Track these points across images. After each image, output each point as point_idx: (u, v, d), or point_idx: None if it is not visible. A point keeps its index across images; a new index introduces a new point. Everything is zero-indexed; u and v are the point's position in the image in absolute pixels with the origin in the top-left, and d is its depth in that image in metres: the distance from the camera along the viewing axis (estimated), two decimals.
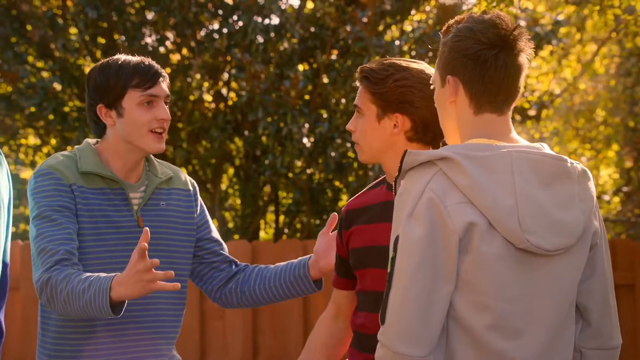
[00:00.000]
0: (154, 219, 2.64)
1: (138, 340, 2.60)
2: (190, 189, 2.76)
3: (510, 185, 1.83)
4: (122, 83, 2.55)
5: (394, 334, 1.81)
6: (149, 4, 6.94)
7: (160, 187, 2.68)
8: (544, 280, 1.88)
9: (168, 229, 2.66)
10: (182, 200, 2.72)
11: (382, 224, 2.50)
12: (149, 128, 2.57)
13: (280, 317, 5.44)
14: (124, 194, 2.60)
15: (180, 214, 2.70)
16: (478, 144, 1.88)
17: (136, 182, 2.65)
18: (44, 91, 6.65)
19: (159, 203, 2.66)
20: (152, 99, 2.57)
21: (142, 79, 2.55)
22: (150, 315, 2.61)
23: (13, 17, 6.88)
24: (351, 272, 2.59)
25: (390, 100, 2.42)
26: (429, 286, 1.80)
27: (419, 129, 2.44)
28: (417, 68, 2.44)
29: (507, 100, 1.95)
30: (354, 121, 2.52)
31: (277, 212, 7.56)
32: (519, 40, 1.92)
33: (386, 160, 2.50)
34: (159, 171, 2.70)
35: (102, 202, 2.57)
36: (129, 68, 2.56)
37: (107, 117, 2.58)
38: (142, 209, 2.62)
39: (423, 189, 1.83)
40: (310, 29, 6.93)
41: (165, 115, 2.58)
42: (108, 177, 2.59)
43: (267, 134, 6.67)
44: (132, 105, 2.56)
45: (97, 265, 2.53)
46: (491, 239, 1.82)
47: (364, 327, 2.50)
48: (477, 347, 1.84)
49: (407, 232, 1.82)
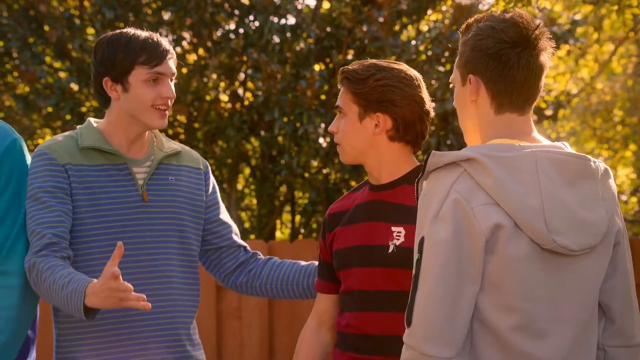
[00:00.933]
0: (161, 193, 2.61)
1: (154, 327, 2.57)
2: (202, 168, 2.74)
3: (536, 186, 1.82)
4: (130, 59, 2.54)
5: (421, 335, 1.80)
6: (165, 4, 6.95)
7: (169, 163, 2.66)
8: (569, 280, 1.87)
9: (177, 204, 2.63)
10: (192, 178, 2.69)
11: (366, 224, 2.50)
12: (152, 104, 2.56)
13: (296, 317, 5.44)
14: (127, 169, 2.58)
15: (189, 191, 2.67)
16: (501, 144, 1.87)
17: (142, 157, 2.63)
18: (61, 91, 6.68)
19: (167, 177, 2.64)
20: (159, 76, 2.56)
21: (150, 56, 2.54)
22: (164, 300, 2.58)
23: (31, 18, 6.92)
24: (334, 276, 2.59)
25: (372, 99, 2.45)
26: (455, 287, 1.79)
27: (400, 128, 2.47)
28: (397, 68, 2.48)
29: (528, 100, 1.94)
30: (335, 122, 2.55)
31: (293, 212, 7.56)
32: (540, 39, 1.91)
33: (368, 160, 2.52)
34: (165, 146, 2.68)
35: (102, 178, 2.55)
36: (138, 44, 2.54)
37: (112, 91, 2.58)
38: (147, 183, 2.60)
39: (448, 190, 1.82)
40: (326, 29, 6.92)
41: (169, 93, 2.56)
42: (109, 151, 2.57)
43: (283, 134, 6.67)
44: (138, 81, 2.55)
45: (100, 242, 2.51)
46: (517, 240, 1.81)
47: (349, 326, 2.50)
48: (503, 348, 1.83)
49: (433, 233, 1.81)
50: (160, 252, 2.58)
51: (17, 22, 6.80)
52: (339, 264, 2.55)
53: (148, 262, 2.56)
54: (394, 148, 2.49)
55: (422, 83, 2.51)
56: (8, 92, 7.15)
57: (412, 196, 2.45)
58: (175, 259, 2.61)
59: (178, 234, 2.62)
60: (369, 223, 2.50)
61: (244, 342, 5.50)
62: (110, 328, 2.53)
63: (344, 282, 2.55)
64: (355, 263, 2.50)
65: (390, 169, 2.50)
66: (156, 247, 2.58)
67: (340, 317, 2.56)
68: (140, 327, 2.55)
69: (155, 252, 2.58)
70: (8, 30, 6.78)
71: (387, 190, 2.50)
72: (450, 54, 6.62)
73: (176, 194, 2.64)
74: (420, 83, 2.50)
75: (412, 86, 2.47)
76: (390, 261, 2.43)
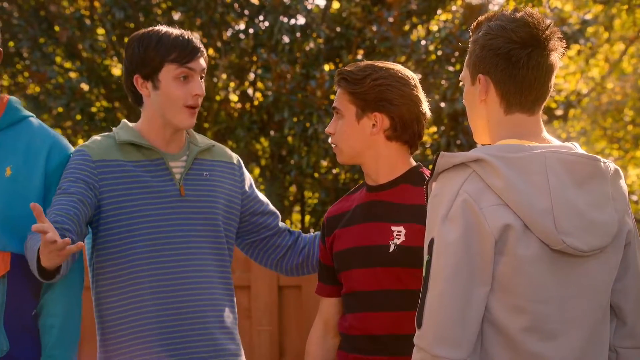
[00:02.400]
0: (197, 189, 2.62)
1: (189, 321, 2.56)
2: (235, 163, 2.75)
3: (545, 186, 1.81)
4: (160, 56, 2.55)
5: (432, 337, 1.80)
6: (175, 5, 6.96)
7: (203, 158, 2.67)
8: (580, 281, 1.86)
9: (212, 199, 2.63)
10: (227, 173, 2.70)
11: (366, 224, 2.51)
12: (183, 103, 2.56)
13: (306, 317, 5.44)
14: (164, 164, 2.59)
15: (224, 186, 2.68)
16: (511, 145, 1.86)
17: (178, 152, 2.64)
18: (71, 91, 6.70)
19: (202, 173, 2.65)
20: (189, 72, 2.56)
21: (180, 54, 2.55)
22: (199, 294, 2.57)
23: (41, 18, 6.94)
24: (336, 279, 2.59)
25: (369, 99, 2.46)
26: (466, 289, 1.79)
27: (397, 128, 2.47)
28: (394, 68, 2.49)
29: (538, 100, 1.93)
30: (332, 124, 2.54)
31: (302, 212, 7.57)
32: (551, 39, 1.90)
33: (365, 161, 2.52)
34: (199, 141, 2.69)
35: (139, 173, 2.56)
36: (168, 41, 2.55)
37: (143, 88, 2.59)
38: (184, 178, 2.61)
39: (457, 191, 1.81)
40: (336, 28, 6.92)
41: (199, 90, 2.57)
42: (146, 146, 2.58)
43: (293, 134, 6.67)
44: (169, 78, 2.56)
45: (141, 236, 2.52)
46: (527, 240, 1.81)
47: (352, 328, 2.50)
48: (513, 350, 1.83)
49: (443, 234, 1.80)
50: (196, 246, 2.59)
51: (27, 22, 6.83)
52: (339, 265, 2.55)
53: (184, 257, 2.57)
54: (392, 148, 2.50)
55: (418, 83, 2.52)
56: (19, 92, 7.17)
57: (410, 195, 2.45)
58: (209, 253, 2.62)
59: (213, 229, 2.63)
60: (368, 224, 2.50)
61: (253, 342, 5.49)
62: (150, 328, 2.54)
63: (345, 284, 2.54)
64: (356, 264, 2.49)
65: (387, 169, 2.50)
66: (192, 241, 2.59)
67: (343, 319, 2.56)
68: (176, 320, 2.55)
69: (191, 245, 2.58)
70: (19, 31, 6.81)
71: (385, 190, 2.50)
72: (460, 53, 6.61)
73: (211, 189, 2.65)
74: (416, 83, 2.50)
75: (408, 86, 2.48)
76: (392, 260, 2.43)
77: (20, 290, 2.46)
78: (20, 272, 2.44)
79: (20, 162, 2.48)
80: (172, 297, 2.55)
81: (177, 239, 2.57)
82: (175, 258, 2.56)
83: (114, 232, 2.54)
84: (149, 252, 2.53)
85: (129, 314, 2.54)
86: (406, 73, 2.50)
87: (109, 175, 2.54)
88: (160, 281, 2.54)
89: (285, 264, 2.79)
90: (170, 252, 2.55)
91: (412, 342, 2.46)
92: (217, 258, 2.64)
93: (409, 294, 2.41)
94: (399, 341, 2.42)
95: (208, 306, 2.59)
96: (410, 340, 2.45)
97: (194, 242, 2.59)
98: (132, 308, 2.54)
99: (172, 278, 2.53)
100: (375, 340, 2.45)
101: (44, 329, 2.50)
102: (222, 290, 2.64)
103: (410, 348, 2.43)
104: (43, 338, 2.50)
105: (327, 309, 2.66)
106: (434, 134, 6.90)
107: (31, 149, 2.50)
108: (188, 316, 2.56)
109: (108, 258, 2.56)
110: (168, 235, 2.55)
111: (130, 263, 2.53)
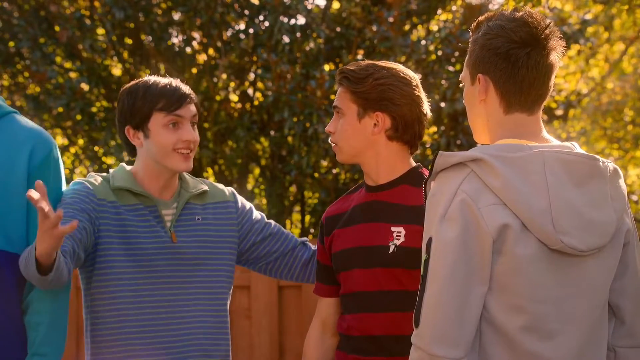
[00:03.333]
0: (189, 234, 2.65)
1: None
2: (230, 199, 2.76)
3: (543, 186, 1.81)
4: (148, 106, 2.58)
5: (429, 336, 1.80)
6: (175, 5, 6.96)
7: (194, 202, 2.69)
8: (578, 280, 1.86)
9: (205, 243, 2.66)
10: (220, 214, 2.72)
11: (365, 224, 2.50)
12: (174, 148, 2.59)
13: (306, 317, 5.44)
14: (157, 211, 2.63)
15: (218, 228, 2.70)
16: (509, 144, 1.87)
17: (169, 199, 2.67)
18: (71, 91, 6.70)
19: (194, 217, 2.67)
20: (178, 119, 2.59)
21: (167, 102, 2.58)
22: (186, 340, 2.61)
23: (41, 18, 6.94)
24: (335, 279, 2.59)
25: (371, 98, 2.46)
26: (464, 288, 1.79)
27: (399, 127, 2.47)
28: (396, 68, 2.49)
29: (537, 100, 1.93)
30: (333, 123, 2.53)
31: (303, 212, 7.57)
32: (550, 39, 1.90)
33: (366, 160, 2.51)
34: (191, 186, 2.72)
35: (134, 218, 2.60)
36: (156, 90, 2.59)
37: (135, 138, 2.62)
38: (174, 225, 2.64)
39: (455, 191, 1.82)
40: (336, 29, 6.92)
41: (189, 136, 2.60)
42: (140, 193, 2.62)
43: (293, 134, 6.67)
44: (158, 127, 2.59)
45: (131, 281, 2.56)
46: (525, 240, 1.81)
47: (351, 328, 2.50)
48: (512, 349, 1.83)
49: (441, 233, 1.81)
50: (188, 292, 2.62)
51: (27, 22, 6.83)
52: (338, 266, 2.55)
53: (174, 303, 2.60)
54: (392, 148, 2.50)
55: (419, 84, 2.52)
56: (19, 92, 7.18)
57: (410, 196, 2.45)
58: (203, 297, 2.64)
59: (206, 272, 2.66)
60: (368, 224, 2.50)
61: (253, 342, 5.50)
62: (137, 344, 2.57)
63: (344, 284, 2.54)
64: (355, 264, 2.49)
65: (387, 169, 2.50)
66: (184, 287, 2.62)
67: (342, 319, 2.56)
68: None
69: (182, 292, 2.62)
70: (19, 31, 6.81)
71: (385, 190, 2.50)
72: (461, 53, 6.60)
73: (204, 232, 2.67)
74: (417, 83, 2.51)
75: (410, 85, 2.48)
76: (391, 261, 2.43)
77: (4, 287, 2.42)
78: (5, 269, 2.40)
79: (2, 156, 2.43)
80: (160, 339, 2.58)
81: (168, 284, 2.60)
82: (164, 304, 2.59)
83: (107, 276, 2.56)
84: (136, 296, 2.56)
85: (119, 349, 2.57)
86: (408, 73, 2.50)
87: (105, 215, 2.57)
88: (148, 326, 2.57)
89: (306, 278, 2.83)
90: (160, 298, 2.59)
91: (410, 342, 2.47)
92: (210, 299, 2.65)
93: (408, 295, 2.41)
94: (399, 342, 2.42)
95: (193, 353, 2.61)
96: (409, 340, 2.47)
97: (184, 287, 2.62)
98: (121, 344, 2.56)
99: (160, 323, 2.57)
100: (374, 341, 2.45)
101: (30, 326, 2.47)
102: (213, 333, 2.65)
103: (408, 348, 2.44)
104: (30, 335, 2.47)
105: (325, 309, 2.66)
106: (434, 134, 6.90)
107: (13, 144, 2.46)
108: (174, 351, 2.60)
109: (98, 297, 2.58)
110: (159, 282, 2.58)
111: (118, 306, 2.56)
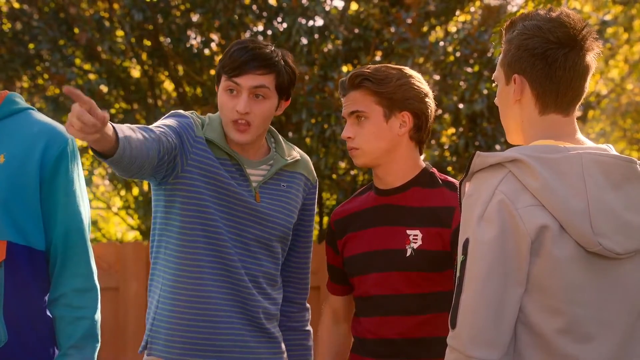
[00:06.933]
0: (273, 198, 2.59)
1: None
2: (314, 183, 2.70)
3: (582, 188, 1.80)
4: (220, 64, 2.55)
5: (467, 338, 1.78)
6: (194, 6, 6.97)
7: (285, 169, 2.63)
8: (615, 283, 1.85)
9: (282, 210, 2.60)
10: (302, 187, 2.66)
11: (380, 228, 2.49)
12: (230, 118, 2.53)
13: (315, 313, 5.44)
14: (242, 170, 2.56)
15: (296, 199, 2.64)
16: (547, 145, 1.85)
17: (257, 160, 2.60)
18: (90, 93, 6.72)
19: (280, 184, 2.61)
20: (235, 87, 2.51)
21: (230, 67, 2.51)
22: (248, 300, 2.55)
23: (61, 20, 6.97)
24: (347, 279, 2.58)
25: (396, 98, 2.45)
26: (501, 289, 1.78)
27: (422, 127, 2.49)
28: (399, 67, 2.52)
29: (573, 101, 1.93)
30: (350, 128, 2.48)
31: (321, 214, 7.56)
32: (587, 39, 1.89)
33: (387, 162, 2.48)
34: (286, 153, 2.64)
35: (222, 171, 2.53)
36: (232, 51, 2.53)
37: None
38: (261, 185, 2.58)
39: (493, 191, 1.80)
40: (354, 30, 6.91)
41: (240, 107, 2.49)
42: (225, 150, 2.55)
43: (311, 135, 6.67)
44: (221, 89, 2.55)
45: (222, 229, 2.50)
46: (563, 242, 1.79)
47: (367, 332, 2.48)
48: (547, 351, 1.81)
49: (478, 234, 1.79)
50: (256, 254, 2.57)
51: (47, 24, 6.86)
52: (353, 270, 2.53)
53: (244, 263, 2.54)
54: (411, 147, 2.50)
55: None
56: (38, 93, 7.21)
57: (421, 198, 2.45)
58: (267, 261, 2.59)
59: (280, 238, 2.61)
60: (382, 227, 2.48)
61: None
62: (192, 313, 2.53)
63: (358, 287, 2.52)
64: (372, 268, 2.47)
65: (403, 170, 2.49)
66: (257, 247, 2.57)
67: (356, 322, 2.54)
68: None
69: (254, 253, 2.56)
70: (38, 33, 6.84)
71: (397, 194, 2.49)
72: (479, 55, 6.58)
73: (285, 200, 2.61)
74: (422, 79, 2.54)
75: (422, 82, 2.51)
76: (409, 265, 2.42)
77: (21, 281, 2.37)
78: (20, 262, 2.36)
79: (15, 150, 2.40)
80: (231, 285, 2.53)
81: (246, 241, 2.54)
82: (234, 261, 2.53)
83: (203, 221, 2.50)
84: (212, 246, 2.50)
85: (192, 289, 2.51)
86: (410, 70, 2.52)
87: (198, 152, 2.51)
88: (222, 269, 2.52)
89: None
90: (233, 251, 2.53)
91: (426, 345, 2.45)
92: (272, 263, 2.60)
93: (425, 298, 2.41)
94: (415, 345, 2.42)
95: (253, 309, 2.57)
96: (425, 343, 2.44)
97: (257, 247, 2.56)
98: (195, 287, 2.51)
99: (223, 281, 2.51)
100: (390, 345, 2.44)
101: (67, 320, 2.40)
102: (268, 297, 2.60)
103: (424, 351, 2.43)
104: (66, 329, 2.40)
105: (337, 304, 2.66)
106: (452, 135, 6.88)
107: (27, 138, 2.42)
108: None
109: (172, 237, 2.54)
110: (241, 235, 2.53)
111: (194, 250, 2.51)
